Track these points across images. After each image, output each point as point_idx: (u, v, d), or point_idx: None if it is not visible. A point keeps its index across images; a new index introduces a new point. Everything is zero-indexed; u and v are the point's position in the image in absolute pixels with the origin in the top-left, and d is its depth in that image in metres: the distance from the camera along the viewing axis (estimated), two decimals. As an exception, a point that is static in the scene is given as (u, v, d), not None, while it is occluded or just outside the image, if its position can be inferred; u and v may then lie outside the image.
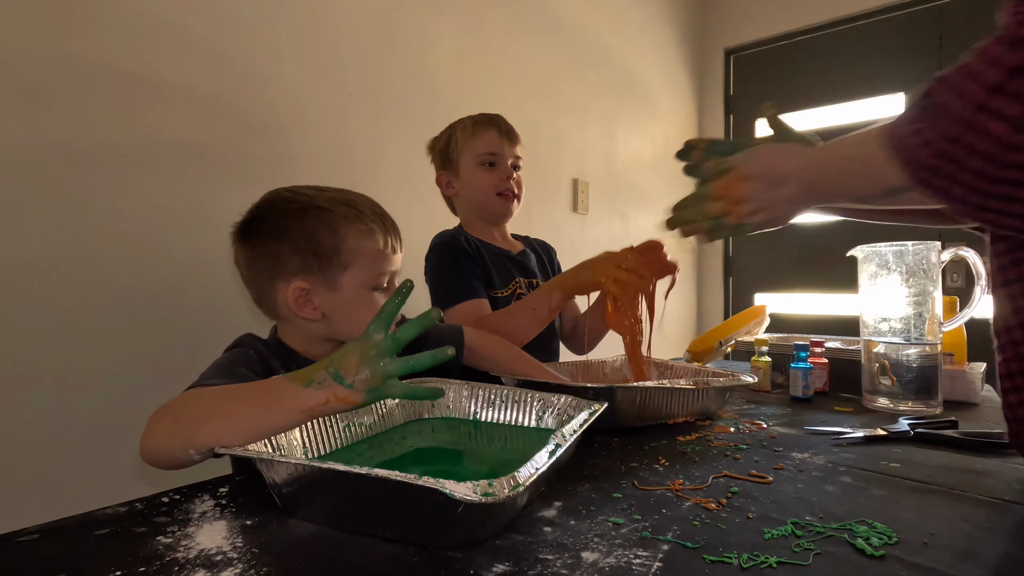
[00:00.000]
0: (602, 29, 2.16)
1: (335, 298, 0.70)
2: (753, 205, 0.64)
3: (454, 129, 1.11)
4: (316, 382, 0.52)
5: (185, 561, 0.40)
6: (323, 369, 0.53)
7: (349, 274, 0.70)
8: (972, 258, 0.91)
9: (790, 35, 2.64)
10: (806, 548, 0.42)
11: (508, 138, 1.10)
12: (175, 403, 0.54)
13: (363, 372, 0.52)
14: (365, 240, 0.70)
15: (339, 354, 0.54)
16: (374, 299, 0.72)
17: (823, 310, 2.55)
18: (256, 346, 0.70)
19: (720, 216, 0.67)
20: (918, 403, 0.88)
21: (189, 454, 0.50)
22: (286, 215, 0.70)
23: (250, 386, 0.55)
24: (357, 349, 0.53)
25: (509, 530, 0.45)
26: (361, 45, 1.32)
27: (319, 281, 0.69)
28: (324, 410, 0.53)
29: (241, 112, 1.10)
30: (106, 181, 0.92)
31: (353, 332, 0.72)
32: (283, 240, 0.69)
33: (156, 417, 0.52)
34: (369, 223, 0.71)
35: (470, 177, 1.09)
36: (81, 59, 0.89)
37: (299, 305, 0.69)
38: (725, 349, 1.32)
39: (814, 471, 0.61)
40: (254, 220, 0.71)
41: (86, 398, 0.90)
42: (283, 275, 0.69)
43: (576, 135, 2.03)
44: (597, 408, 0.61)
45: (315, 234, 0.68)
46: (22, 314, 0.84)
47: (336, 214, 0.70)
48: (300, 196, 0.71)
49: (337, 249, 0.69)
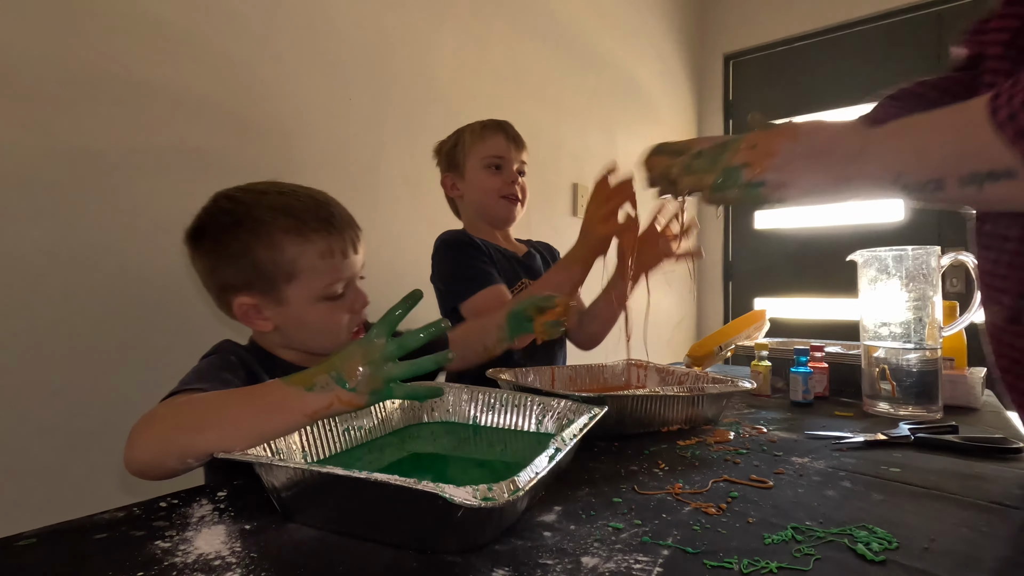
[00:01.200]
0: (602, 34, 2.17)
1: (284, 311, 0.68)
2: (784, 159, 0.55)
3: (462, 132, 1.12)
4: (319, 386, 0.52)
5: (184, 566, 0.39)
6: (325, 373, 0.53)
7: (294, 287, 0.67)
8: (972, 263, 0.91)
9: (789, 40, 2.65)
10: (806, 553, 0.42)
11: (515, 144, 1.11)
12: (163, 412, 0.52)
13: (366, 375, 0.52)
14: (306, 252, 0.66)
15: (340, 357, 0.53)
16: (327, 309, 0.69)
17: (823, 314, 2.55)
18: (237, 351, 0.69)
19: (738, 167, 0.57)
20: (918, 408, 0.88)
21: (186, 463, 0.50)
22: (223, 230, 0.66)
23: (247, 391, 0.54)
24: (359, 352, 0.53)
25: (509, 535, 0.45)
26: (362, 50, 1.33)
27: (263, 296, 0.67)
28: (327, 413, 0.53)
29: (242, 115, 1.10)
30: (107, 184, 0.92)
31: (309, 344, 0.71)
32: (222, 256, 0.66)
33: (143, 427, 0.51)
34: (310, 233, 0.66)
35: (475, 179, 1.10)
36: (82, 62, 0.89)
37: (248, 319, 0.68)
38: (725, 354, 1.32)
39: (814, 476, 0.61)
40: (197, 231, 0.68)
41: (86, 402, 0.90)
42: (228, 289, 0.67)
43: (576, 140, 2.04)
44: (597, 412, 0.61)
45: (252, 251, 0.65)
46: (22, 317, 0.84)
47: (273, 226, 0.65)
48: (238, 205, 0.67)
49: (276, 264, 0.65)
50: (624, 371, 1.03)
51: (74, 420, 0.88)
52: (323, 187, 0.75)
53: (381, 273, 1.29)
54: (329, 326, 0.70)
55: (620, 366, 1.04)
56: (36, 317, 0.85)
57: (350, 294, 0.71)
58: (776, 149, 0.56)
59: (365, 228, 0.75)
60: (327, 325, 0.70)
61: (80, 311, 0.89)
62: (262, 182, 0.72)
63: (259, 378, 0.65)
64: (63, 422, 0.87)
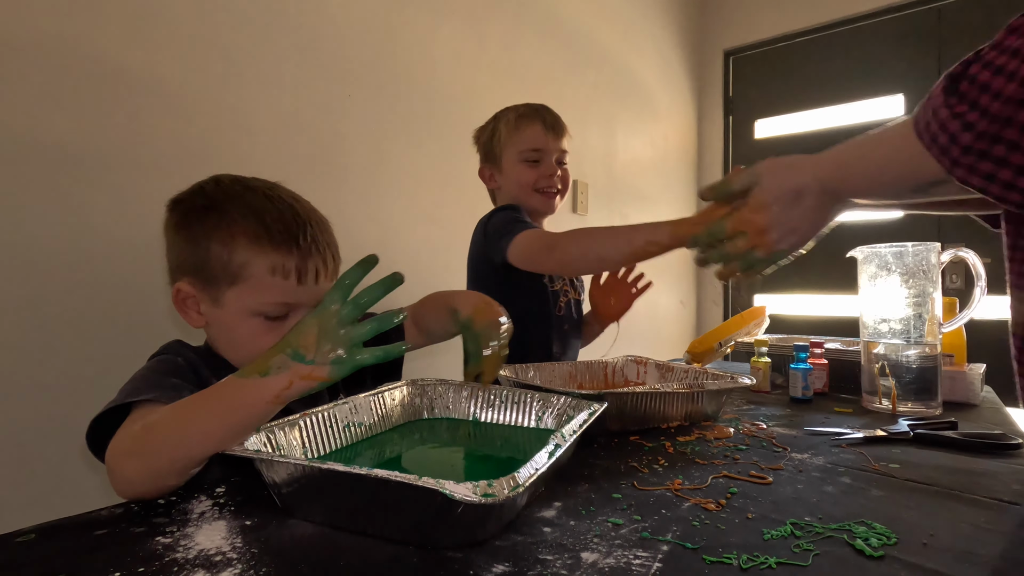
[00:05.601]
0: (601, 30, 2.16)
1: (217, 313, 0.64)
2: (779, 231, 0.62)
3: (497, 121, 1.08)
4: (274, 367, 0.48)
5: (184, 561, 0.39)
6: (279, 352, 0.49)
7: (234, 292, 0.62)
8: (972, 259, 0.91)
9: (789, 36, 2.65)
10: (805, 549, 0.42)
11: (553, 132, 1.06)
12: (129, 445, 0.50)
13: (324, 345, 0.48)
14: (257, 262, 0.62)
15: (294, 332, 0.49)
16: (257, 328, 0.63)
17: (823, 311, 2.55)
18: (184, 352, 0.66)
19: (748, 251, 0.64)
20: (918, 404, 0.88)
21: (179, 480, 0.50)
22: (193, 209, 0.64)
23: (203, 397, 0.50)
24: (314, 322, 0.49)
25: (509, 530, 0.45)
26: (362, 46, 1.32)
27: (204, 290, 0.64)
28: (290, 393, 0.49)
29: (241, 112, 1.10)
30: (103, 181, 0.92)
31: (229, 355, 0.67)
32: (183, 234, 0.64)
33: (118, 462, 0.49)
34: (268, 243, 0.62)
35: (512, 172, 1.06)
36: (78, 56, 0.89)
37: (184, 307, 0.65)
38: (725, 350, 1.32)
39: (814, 472, 0.61)
40: (175, 201, 0.66)
41: (84, 399, 0.89)
42: (176, 270, 0.65)
43: (576, 136, 2.02)
44: (597, 408, 0.61)
45: (209, 240, 0.62)
46: (20, 315, 0.84)
47: (236, 225, 0.62)
48: (219, 192, 0.65)
49: (225, 263, 0.62)
50: (624, 367, 1.03)
51: (72, 419, 0.88)
52: (322, 185, 0.73)
53: (380, 271, 1.29)
54: (252, 347, 0.63)
55: (620, 362, 1.04)
56: (35, 314, 0.85)
57: (290, 324, 0.65)
58: (762, 226, 0.63)
59: (364, 226, 0.74)
60: (251, 345, 0.64)
61: (78, 308, 0.89)
62: (268, 181, 0.69)
63: (207, 382, 0.61)
64: (61, 419, 0.87)
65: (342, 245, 0.70)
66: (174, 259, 0.65)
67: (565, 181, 1.09)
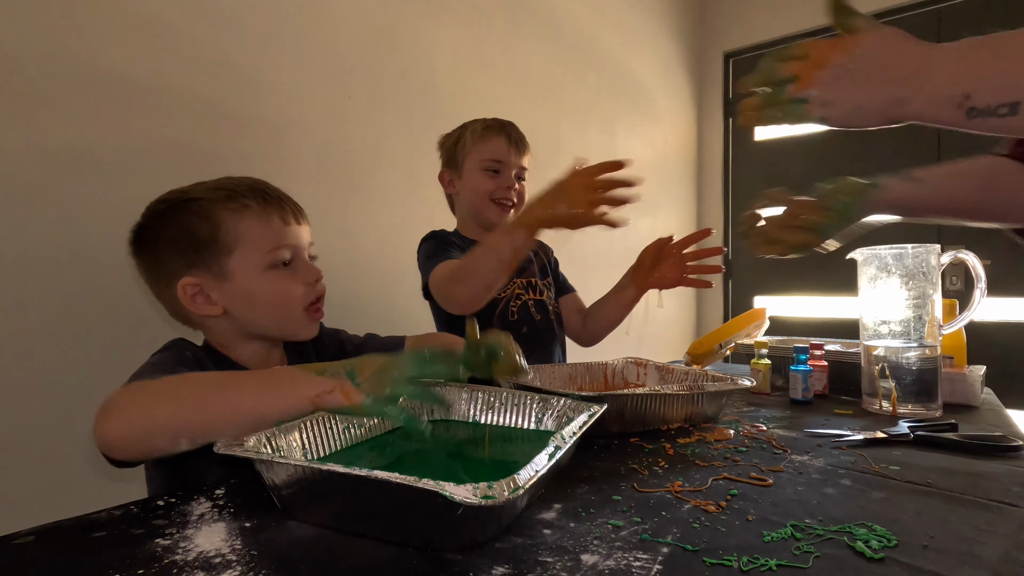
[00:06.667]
0: (602, 33, 2.16)
1: (229, 287, 0.66)
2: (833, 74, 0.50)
3: (464, 129, 1.10)
4: (330, 372, 0.54)
5: (184, 563, 0.39)
6: (339, 366, 0.54)
7: (236, 258, 0.65)
8: (972, 261, 0.91)
9: (789, 39, 2.65)
10: (806, 551, 0.42)
11: (516, 148, 1.08)
12: (154, 387, 0.51)
13: (375, 379, 0.53)
14: (243, 218, 0.65)
15: (360, 358, 0.56)
16: (276, 278, 0.67)
17: (823, 313, 2.56)
18: (190, 348, 0.68)
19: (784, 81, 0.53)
20: (918, 406, 0.88)
21: (177, 443, 0.49)
22: (158, 216, 0.66)
23: (252, 372, 0.55)
24: (380, 361, 0.55)
25: (509, 533, 0.45)
26: (362, 48, 1.33)
27: (206, 273, 0.65)
28: (328, 400, 0.52)
29: (241, 115, 1.10)
30: (105, 184, 0.92)
31: (262, 321, 0.68)
32: (160, 242, 0.66)
33: (127, 399, 0.49)
34: (243, 200, 0.66)
35: (471, 179, 1.08)
36: (80, 62, 0.89)
37: (194, 302, 0.66)
38: (725, 352, 1.32)
39: (814, 474, 0.61)
40: (136, 232, 0.68)
41: (84, 400, 0.89)
42: (173, 276, 0.66)
43: (576, 138, 2.03)
44: (597, 410, 0.61)
45: (188, 226, 0.65)
46: (20, 316, 0.84)
47: (206, 200, 0.66)
48: (172, 195, 0.68)
49: (214, 235, 0.65)
50: (624, 369, 1.03)
51: (72, 420, 0.88)
52: (322, 184, 0.75)
53: (380, 271, 1.29)
54: (281, 297, 0.67)
55: (620, 364, 1.04)
56: (34, 315, 0.85)
57: (300, 266, 0.69)
58: (827, 62, 0.51)
59: (364, 225, 0.75)
60: (278, 296, 0.67)
61: (78, 310, 0.89)
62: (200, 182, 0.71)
63: None
64: (60, 421, 0.87)
65: (342, 246, 0.71)
66: (165, 272, 0.66)
67: (521, 196, 1.10)
